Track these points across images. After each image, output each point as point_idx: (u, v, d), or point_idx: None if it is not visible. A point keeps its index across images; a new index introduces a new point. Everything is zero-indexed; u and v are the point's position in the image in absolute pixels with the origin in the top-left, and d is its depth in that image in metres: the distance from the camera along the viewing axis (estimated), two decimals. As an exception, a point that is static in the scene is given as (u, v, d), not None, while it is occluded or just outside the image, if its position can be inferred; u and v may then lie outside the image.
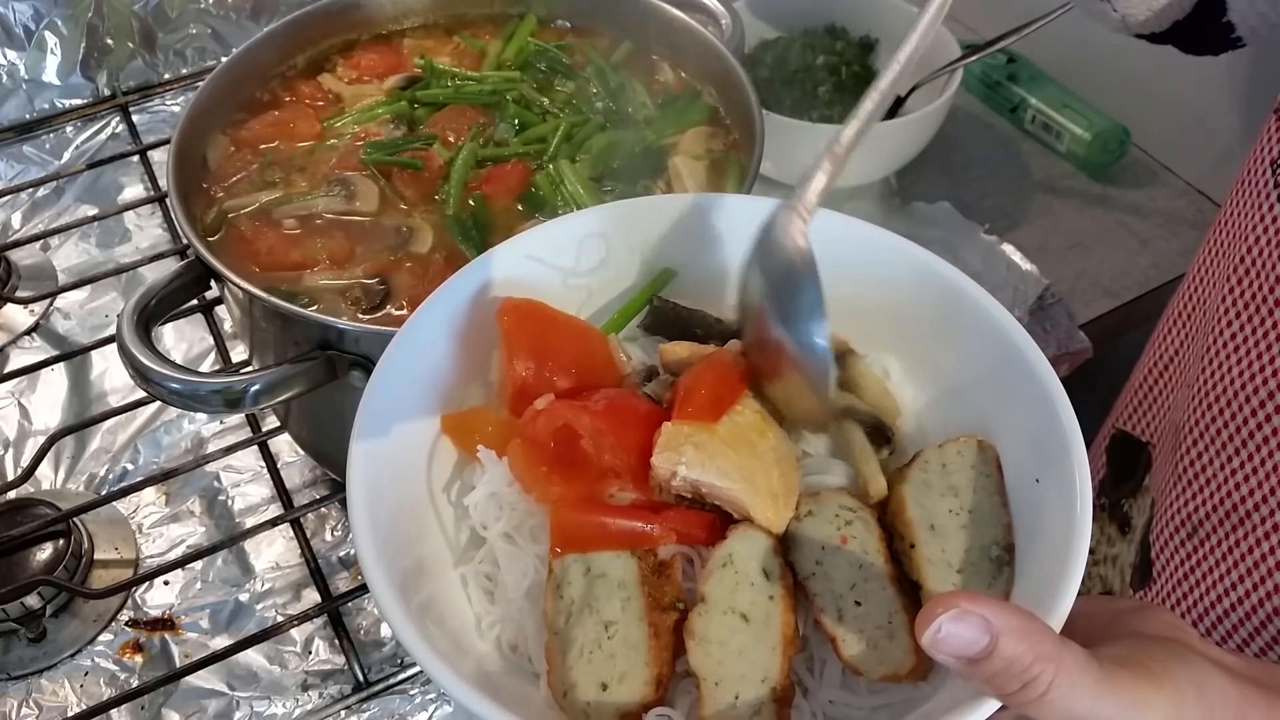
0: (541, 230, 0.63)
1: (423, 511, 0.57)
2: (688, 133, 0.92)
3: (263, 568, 0.94)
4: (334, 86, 0.98)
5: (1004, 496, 0.54)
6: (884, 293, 0.61)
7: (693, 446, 0.53)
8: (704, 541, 0.53)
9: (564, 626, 0.51)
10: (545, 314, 0.60)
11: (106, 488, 1.00)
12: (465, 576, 0.56)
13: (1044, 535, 0.51)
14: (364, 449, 0.53)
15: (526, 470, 0.55)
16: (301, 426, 0.92)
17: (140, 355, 0.71)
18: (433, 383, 0.59)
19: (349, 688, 0.86)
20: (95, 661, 0.88)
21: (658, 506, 0.54)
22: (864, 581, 0.52)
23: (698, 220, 0.64)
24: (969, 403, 0.58)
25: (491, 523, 0.56)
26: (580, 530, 0.53)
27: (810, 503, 0.54)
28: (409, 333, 0.57)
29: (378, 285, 0.81)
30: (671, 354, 0.60)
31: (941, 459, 0.55)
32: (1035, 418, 0.53)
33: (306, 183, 0.89)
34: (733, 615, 0.51)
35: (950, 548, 0.53)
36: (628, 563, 0.52)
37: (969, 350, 0.58)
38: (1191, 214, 1.24)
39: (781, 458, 0.54)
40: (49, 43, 1.33)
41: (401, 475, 0.56)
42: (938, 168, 1.28)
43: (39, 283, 1.17)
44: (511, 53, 1.00)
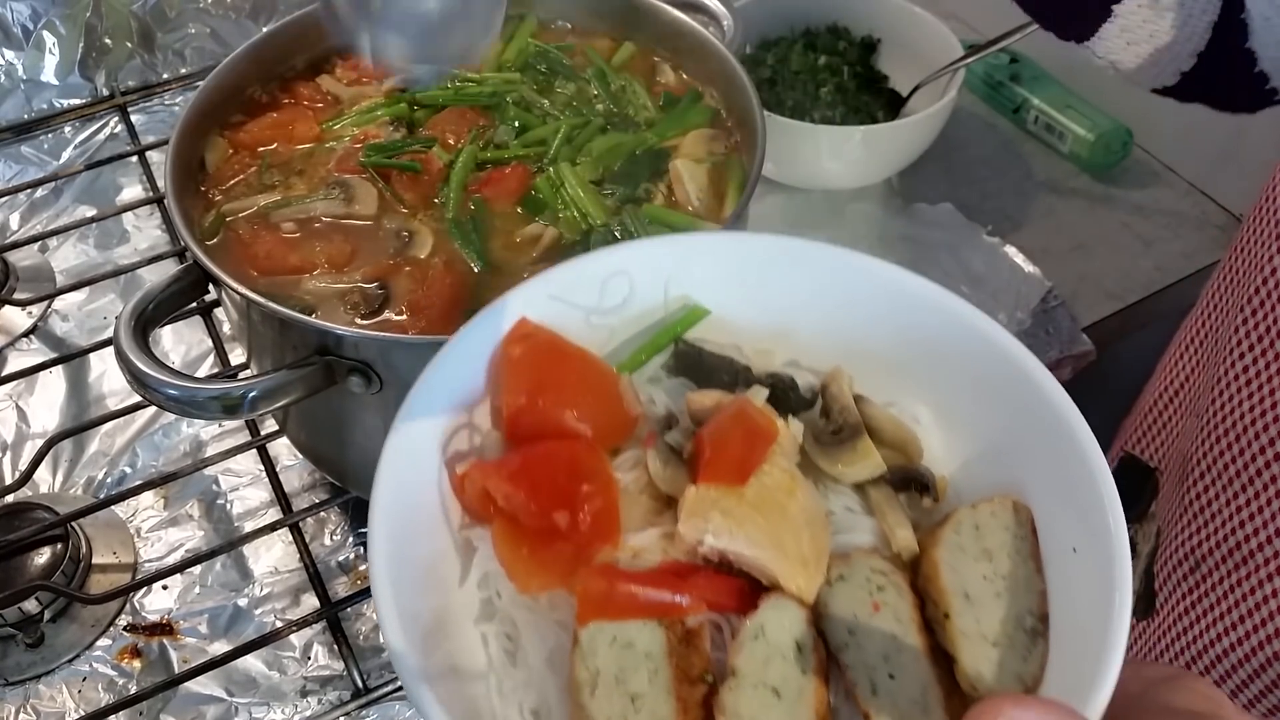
0: (565, 268, 0.61)
1: (444, 563, 0.55)
2: (689, 135, 0.91)
3: (261, 572, 0.94)
4: (333, 88, 0.97)
5: (1039, 562, 0.52)
6: (915, 342, 0.59)
7: (720, 513, 0.51)
8: (733, 609, 0.51)
9: (590, 699, 0.49)
10: (555, 345, 0.58)
11: (105, 491, 0.99)
12: (486, 635, 0.54)
13: (1079, 610, 0.49)
14: (385, 496, 0.52)
15: (506, 554, 0.53)
16: (300, 430, 0.91)
17: (137, 361, 0.70)
18: (457, 423, 0.57)
19: (348, 694, 0.86)
20: (93, 667, 0.88)
21: (686, 571, 0.52)
22: (897, 653, 0.50)
23: (729, 259, 0.62)
24: (1003, 459, 0.56)
25: (504, 590, 0.54)
26: (608, 599, 0.51)
27: (841, 566, 0.52)
28: (430, 377, 0.55)
29: (377, 289, 0.80)
30: (697, 403, 0.58)
31: (975, 520, 0.53)
32: (1075, 485, 0.51)
33: (305, 185, 0.89)
34: (764, 690, 0.49)
35: (984, 618, 0.51)
36: (655, 632, 0.50)
37: (1006, 406, 0.56)
38: (1195, 215, 1.24)
39: (811, 519, 0.53)
40: (47, 42, 1.33)
41: (422, 524, 0.54)
42: (940, 168, 1.27)
43: (37, 284, 1.17)
44: (511, 54, 1.00)
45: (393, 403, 0.76)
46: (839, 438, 0.56)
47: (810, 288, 0.61)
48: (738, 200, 0.86)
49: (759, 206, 1.22)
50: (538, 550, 0.52)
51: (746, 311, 0.62)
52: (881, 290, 0.60)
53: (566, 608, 0.52)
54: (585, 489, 0.52)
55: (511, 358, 0.57)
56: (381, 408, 0.78)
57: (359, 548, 0.95)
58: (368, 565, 0.50)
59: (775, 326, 0.62)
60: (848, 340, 0.60)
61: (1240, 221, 1.22)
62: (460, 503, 0.56)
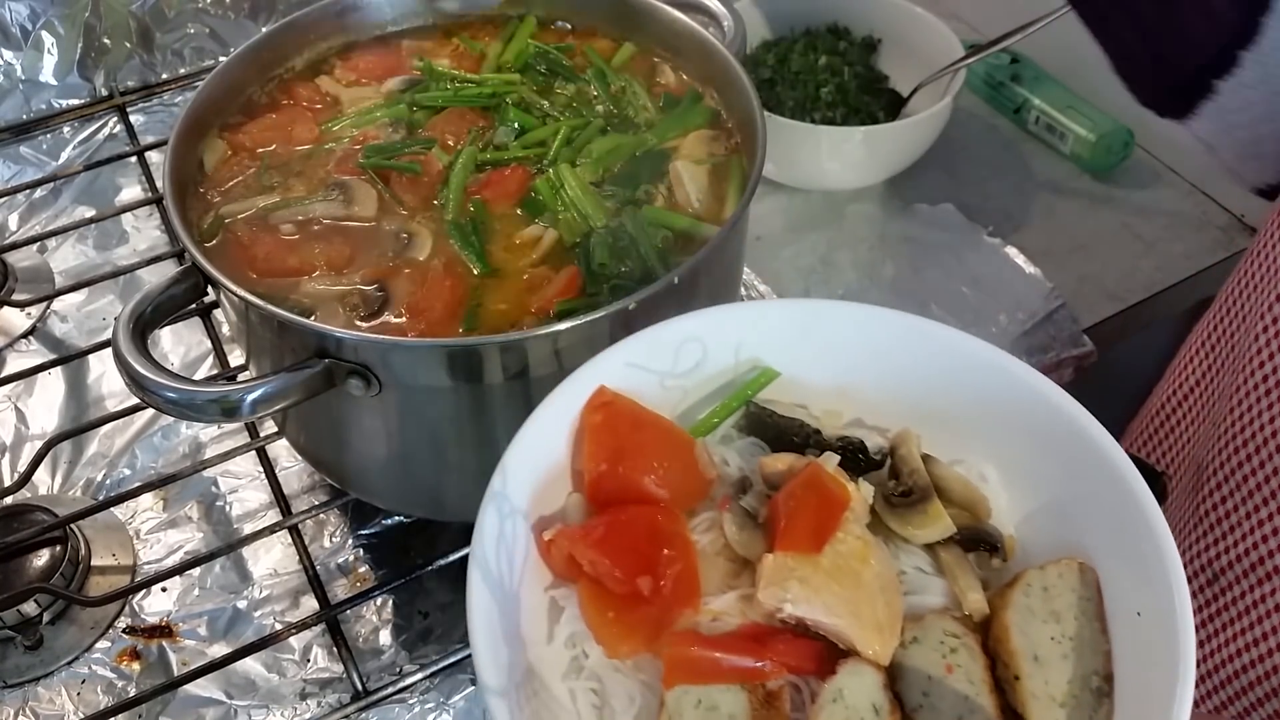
0: (641, 337, 0.64)
1: (533, 620, 0.58)
2: (689, 136, 0.91)
3: (261, 574, 0.93)
4: (332, 89, 0.97)
5: (1104, 623, 0.55)
6: (977, 402, 0.62)
7: (797, 581, 0.54)
8: (812, 671, 0.54)
9: None
10: (633, 412, 0.62)
11: (104, 493, 0.99)
12: (574, 692, 0.57)
13: (1145, 671, 0.51)
14: (482, 552, 0.55)
15: (594, 618, 0.56)
16: (299, 433, 0.91)
17: (136, 364, 0.70)
18: (543, 485, 0.61)
19: (347, 696, 0.86)
20: (92, 669, 0.88)
21: (764, 634, 0.55)
22: (970, 713, 0.53)
23: (797, 323, 0.65)
24: (1068, 519, 0.58)
25: (591, 650, 0.57)
26: (694, 665, 0.54)
27: (914, 628, 0.55)
28: (520, 443, 0.59)
29: (376, 291, 0.80)
30: (770, 467, 0.61)
31: (1044, 582, 0.56)
32: (1139, 551, 0.53)
33: (304, 187, 0.88)
34: None
35: (1053, 679, 0.53)
36: (738, 696, 0.53)
37: (1068, 466, 0.58)
38: (1196, 216, 1.24)
39: (885, 584, 0.55)
40: (46, 42, 1.32)
41: (514, 581, 0.57)
42: (941, 169, 1.27)
43: (36, 285, 1.16)
44: (511, 55, 1.00)
45: (392, 405, 0.77)
46: (909, 500, 0.59)
47: (875, 349, 0.64)
48: (738, 201, 0.85)
49: (759, 207, 1.22)
50: (623, 615, 0.55)
51: (814, 373, 0.66)
52: (944, 352, 0.63)
53: (651, 669, 0.55)
54: (666, 554, 0.56)
55: (592, 425, 0.61)
56: (381, 410, 0.78)
57: (358, 550, 0.95)
58: (467, 619, 0.53)
59: (842, 387, 0.66)
60: (912, 400, 0.64)
61: (1241, 222, 1.22)
62: (547, 565, 0.59)
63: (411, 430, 0.81)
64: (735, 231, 0.82)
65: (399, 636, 0.90)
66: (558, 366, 0.74)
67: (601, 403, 0.61)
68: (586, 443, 0.61)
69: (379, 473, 0.88)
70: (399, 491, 0.90)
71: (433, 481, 0.86)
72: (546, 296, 0.80)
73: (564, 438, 0.62)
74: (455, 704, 0.85)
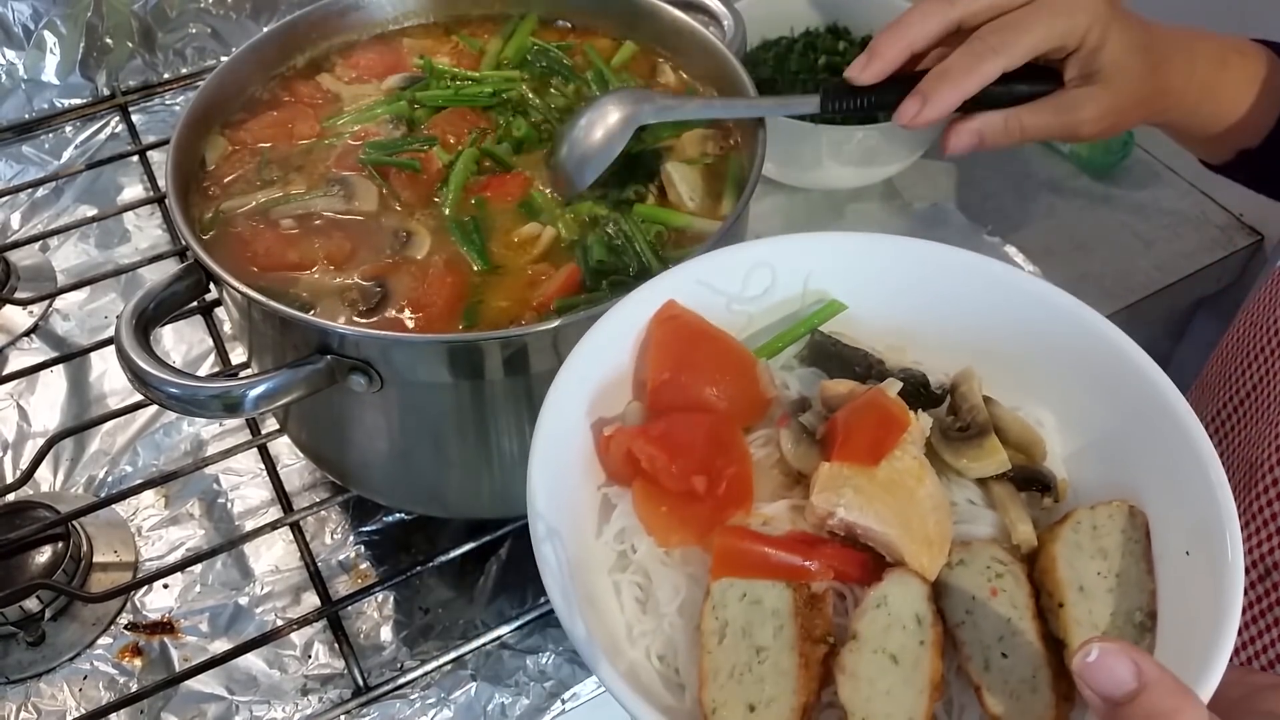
0: (712, 256, 0.66)
1: (584, 515, 0.60)
2: (684, 136, 0.91)
3: (262, 571, 0.94)
4: (333, 86, 0.97)
5: (1150, 564, 0.56)
6: (1043, 347, 0.63)
7: (852, 489, 0.55)
8: (857, 580, 0.55)
9: (717, 647, 0.53)
10: (699, 326, 0.63)
11: (106, 490, 0.99)
12: (619, 584, 0.59)
13: (1190, 608, 0.52)
14: (543, 441, 0.57)
15: (647, 512, 0.57)
16: (301, 429, 0.91)
17: (139, 360, 0.70)
18: (604, 390, 0.62)
19: (349, 692, 0.86)
20: (94, 665, 0.88)
21: (814, 541, 0.56)
22: (1011, 635, 0.54)
23: (868, 259, 0.66)
24: (1123, 464, 0.59)
25: (640, 544, 0.58)
26: (742, 558, 0.55)
27: (962, 552, 0.56)
28: (583, 346, 0.61)
29: (375, 287, 0.80)
30: (831, 390, 0.62)
31: (1093, 521, 0.56)
32: (1192, 493, 0.54)
33: (305, 182, 0.89)
34: (883, 655, 0.52)
35: (1097, 610, 0.54)
36: (783, 593, 0.54)
37: (1128, 412, 0.59)
38: (1195, 215, 1.24)
39: (937, 505, 0.56)
40: (48, 42, 1.33)
41: (568, 475, 0.59)
42: (941, 169, 1.28)
43: (38, 284, 1.17)
44: (511, 52, 1.00)
45: (394, 401, 0.77)
46: (966, 434, 0.60)
47: (943, 291, 0.65)
48: (735, 199, 0.86)
49: (759, 207, 1.22)
50: (676, 509, 0.57)
51: (881, 310, 0.67)
52: (1010, 294, 0.64)
53: (698, 563, 0.57)
54: (722, 458, 0.57)
55: (659, 336, 0.62)
56: (382, 407, 0.79)
57: (359, 546, 0.95)
58: (527, 501, 0.54)
59: (907, 325, 0.66)
60: (977, 342, 0.64)
61: (1240, 221, 1.22)
62: (602, 463, 0.61)
63: (412, 427, 0.81)
64: (735, 229, 0.82)
65: (400, 633, 0.90)
66: (558, 362, 0.74)
67: (669, 315, 0.62)
68: (651, 352, 0.62)
69: (380, 469, 0.89)
70: (400, 488, 0.90)
71: (433, 478, 0.87)
72: (546, 293, 0.80)
73: (629, 346, 0.63)
74: (456, 700, 0.86)
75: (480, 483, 0.85)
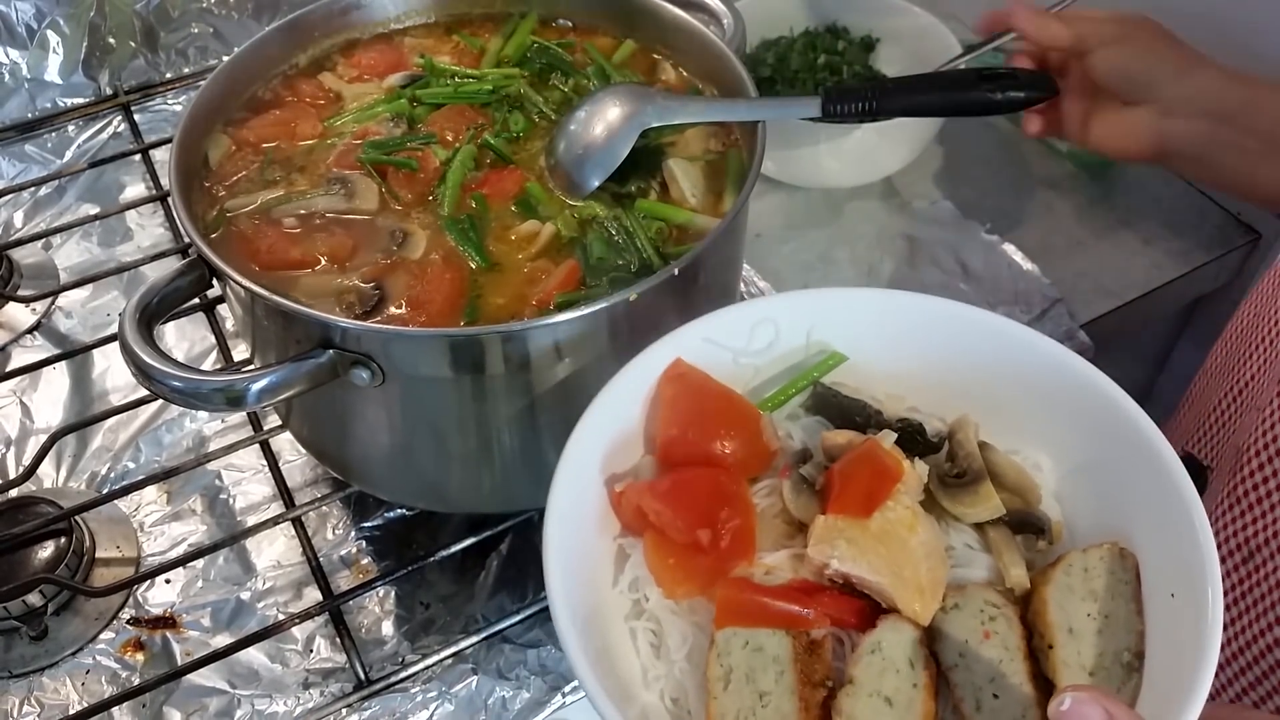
0: (718, 315, 0.69)
1: (601, 565, 0.63)
2: (687, 133, 0.92)
3: (264, 566, 0.94)
4: (334, 85, 0.98)
5: (1139, 604, 0.58)
6: (1039, 396, 0.66)
7: (845, 541, 0.57)
8: (855, 626, 0.58)
9: (723, 692, 0.56)
10: (705, 384, 0.66)
11: (108, 486, 1.00)
12: (635, 630, 0.62)
13: (1173, 649, 0.54)
14: (559, 502, 0.60)
15: (656, 564, 0.61)
16: (303, 425, 0.92)
17: (143, 353, 0.71)
18: (618, 444, 0.65)
19: (350, 686, 0.86)
20: (97, 659, 0.89)
21: (813, 589, 0.59)
22: (1003, 676, 0.56)
23: (867, 312, 0.70)
24: (1114, 507, 0.61)
25: (651, 594, 0.61)
26: (743, 608, 0.58)
27: (956, 596, 0.58)
28: (598, 404, 0.64)
29: (372, 290, 0.81)
30: (831, 440, 0.65)
31: (1084, 564, 0.59)
32: (1178, 538, 0.56)
33: (306, 181, 0.89)
34: (878, 698, 0.55)
35: (1085, 651, 0.56)
36: (783, 640, 0.57)
37: (1118, 459, 0.61)
38: (1192, 214, 1.24)
39: (930, 552, 0.58)
40: (51, 41, 1.33)
41: (585, 530, 0.62)
42: (939, 167, 1.28)
43: (41, 281, 1.17)
44: (511, 50, 1.00)
45: (395, 396, 0.78)
46: (962, 481, 0.62)
47: (943, 341, 0.68)
48: (735, 197, 0.86)
49: (758, 205, 1.23)
50: (683, 561, 0.60)
51: (882, 360, 0.70)
52: (1011, 348, 0.67)
53: (705, 612, 0.60)
54: (726, 511, 0.60)
55: (668, 394, 0.66)
56: (384, 401, 0.79)
57: (360, 541, 0.96)
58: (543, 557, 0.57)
59: (907, 374, 0.70)
60: (974, 390, 0.67)
61: (1237, 220, 1.22)
62: (617, 516, 0.64)
63: (414, 422, 0.82)
64: (734, 226, 0.82)
65: (401, 627, 0.90)
66: (558, 358, 0.75)
67: (677, 374, 0.66)
68: (661, 409, 0.65)
69: (382, 465, 0.89)
70: (401, 483, 0.90)
71: (435, 473, 0.87)
72: (546, 289, 0.80)
73: (639, 403, 0.66)
74: (457, 693, 0.86)
75: (481, 478, 0.86)
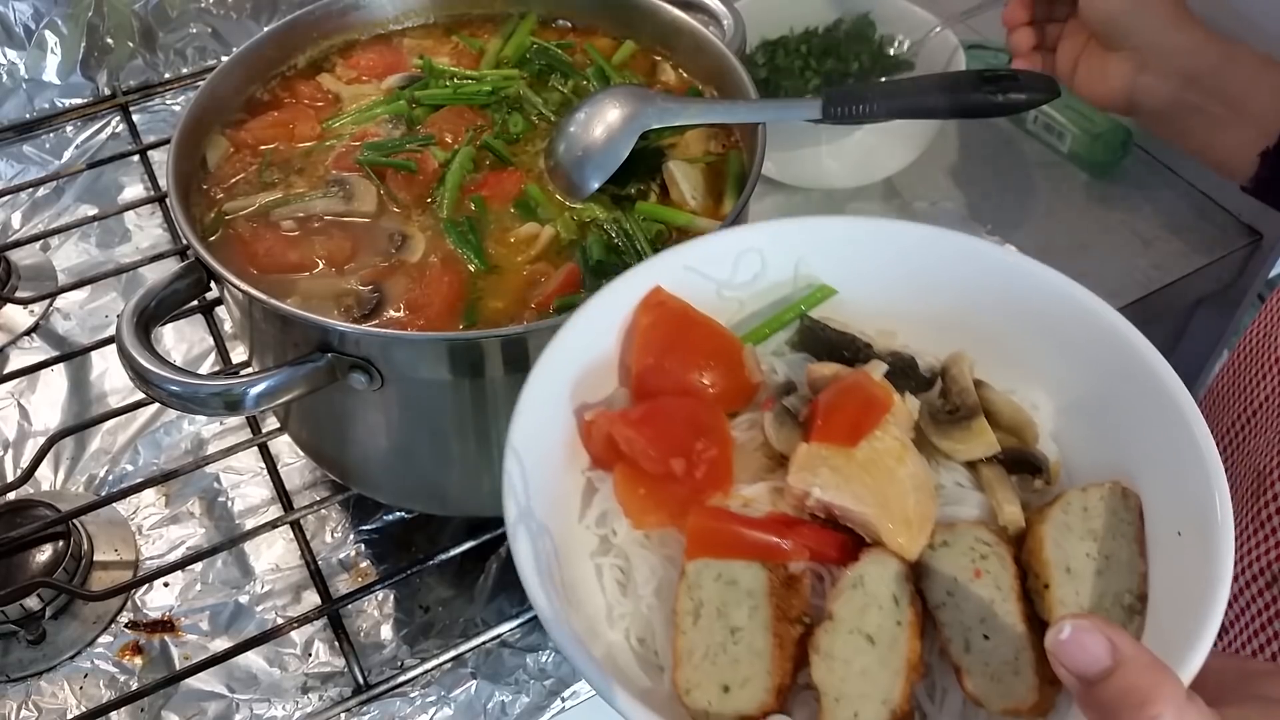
0: (700, 242, 0.65)
1: (567, 499, 0.59)
2: (687, 135, 0.92)
3: (263, 569, 0.94)
4: (333, 86, 0.97)
5: (1143, 545, 0.54)
6: (1040, 330, 0.61)
7: (828, 469, 0.54)
8: (835, 561, 0.54)
9: (692, 627, 0.53)
10: (685, 312, 0.62)
11: (106, 489, 0.99)
12: (601, 567, 0.58)
13: (1179, 589, 0.51)
14: (522, 427, 0.56)
15: (625, 494, 0.57)
16: (301, 428, 0.92)
17: (140, 357, 0.70)
18: (589, 376, 0.61)
19: (349, 690, 0.86)
20: (95, 663, 0.88)
21: (792, 521, 0.55)
22: (994, 616, 0.52)
23: (859, 243, 0.65)
24: (1117, 446, 0.58)
25: (619, 528, 0.58)
26: (716, 537, 0.54)
27: (946, 533, 0.54)
28: (566, 333, 0.60)
29: (371, 293, 0.80)
30: (816, 373, 0.60)
31: (1084, 502, 0.55)
32: (1187, 474, 0.52)
33: (305, 183, 0.89)
34: (859, 636, 0.51)
35: (1084, 591, 0.53)
36: (758, 573, 0.53)
37: (1123, 395, 0.58)
38: (1194, 215, 1.24)
39: (919, 485, 0.55)
40: (49, 42, 1.33)
41: (551, 461, 0.58)
42: (940, 168, 1.28)
43: (39, 283, 1.17)
44: (511, 51, 1.00)
45: (394, 399, 0.77)
46: (955, 417, 0.59)
47: (935, 273, 0.63)
48: (736, 198, 0.86)
49: (759, 206, 1.22)
50: (654, 491, 0.56)
51: (872, 294, 0.65)
52: (1009, 276, 0.62)
53: (676, 546, 0.56)
54: (703, 441, 0.56)
55: (644, 322, 0.61)
56: (382, 405, 0.79)
57: (360, 544, 0.95)
58: (502, 488, 0.53)
59: (899, 310, 0.65)
60: (971, 326, 0.63)
61: (1239, 221, 1.22)
62: (586, 448, 0.60)
63: (413, 425, 0.81)
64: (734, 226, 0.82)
65: (400, 631, 0.90)
66: (558, 361, 0.74)
67: (656, 301, 0.61)
68: (636, 338, 0.61)
69: (380, 468, 0.89)
70: (400, 486, 0.90)
71: (434, 476, 0.87)
72: (546, 292, 0.80)
73: (614, 332, 0.62)
74: (456, 698, 0.86)
75: (480, 480, 0.85)
